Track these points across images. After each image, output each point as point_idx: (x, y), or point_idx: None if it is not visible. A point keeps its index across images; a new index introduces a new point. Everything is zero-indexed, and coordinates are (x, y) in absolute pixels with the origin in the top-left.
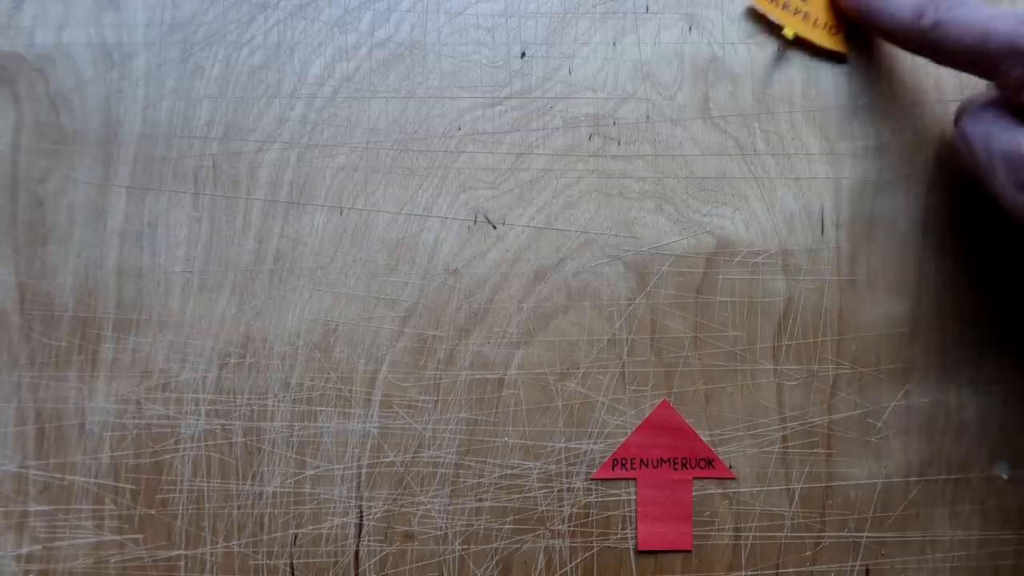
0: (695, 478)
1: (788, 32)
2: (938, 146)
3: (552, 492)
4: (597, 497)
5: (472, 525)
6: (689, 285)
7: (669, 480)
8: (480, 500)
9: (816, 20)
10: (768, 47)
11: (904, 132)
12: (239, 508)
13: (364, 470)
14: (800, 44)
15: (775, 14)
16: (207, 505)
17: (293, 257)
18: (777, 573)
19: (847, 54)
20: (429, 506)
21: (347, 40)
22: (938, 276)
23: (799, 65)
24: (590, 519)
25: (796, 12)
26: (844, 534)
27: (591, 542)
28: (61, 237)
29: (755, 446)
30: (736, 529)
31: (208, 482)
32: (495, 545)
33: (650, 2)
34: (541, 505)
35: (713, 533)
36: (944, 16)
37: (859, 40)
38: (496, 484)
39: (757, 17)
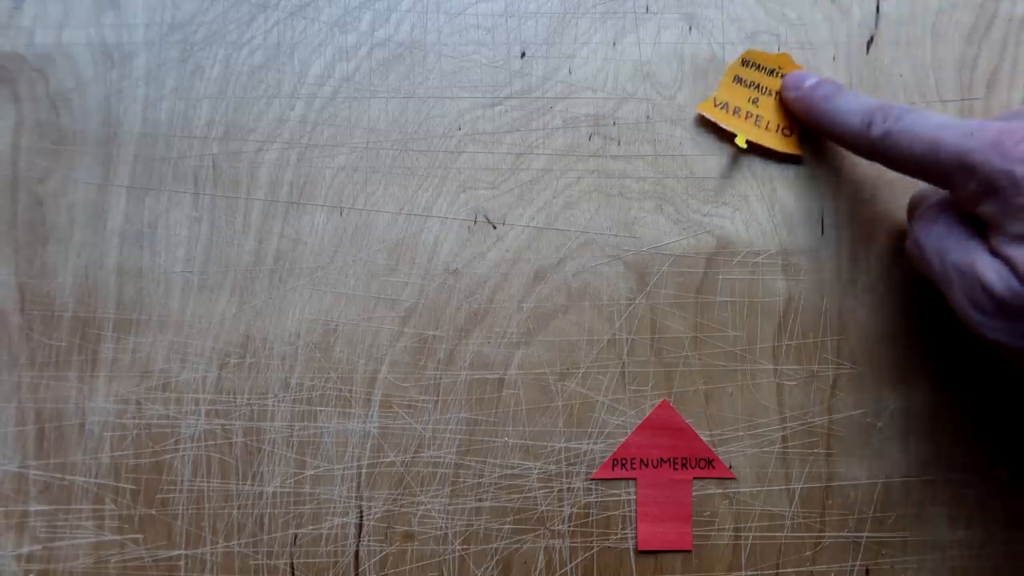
0: (695, 478)
1: (740, 141)
2: None
3: (552, 492)
4: (597, 497)
5: (472, 525)
6: (689, 285)
7: (669, 480)
8: (480, 500)
9: (768, 124)
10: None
11: None
12: (239, 508)
13: (364, 470)
14: (754, 149)
15: (726, 121)
16: (207, 505)
17: (293, 257)
18: (777, 573)
19: (802, 156)
20: (429, 506)
21: (347, 40)
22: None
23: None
24: (590, 519)
25: (747, 117)
26: (844, 534)
27: (591, 542)
28: (61, 237)
29: (755, 446)
30: (736, 529)
31: (208, 482)
32: (495, 545)
33: (650, 2)
34: (541, 505)
35: (713, 533)
36: (893, 126)
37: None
38: (496, 484)
39: (707, 124)
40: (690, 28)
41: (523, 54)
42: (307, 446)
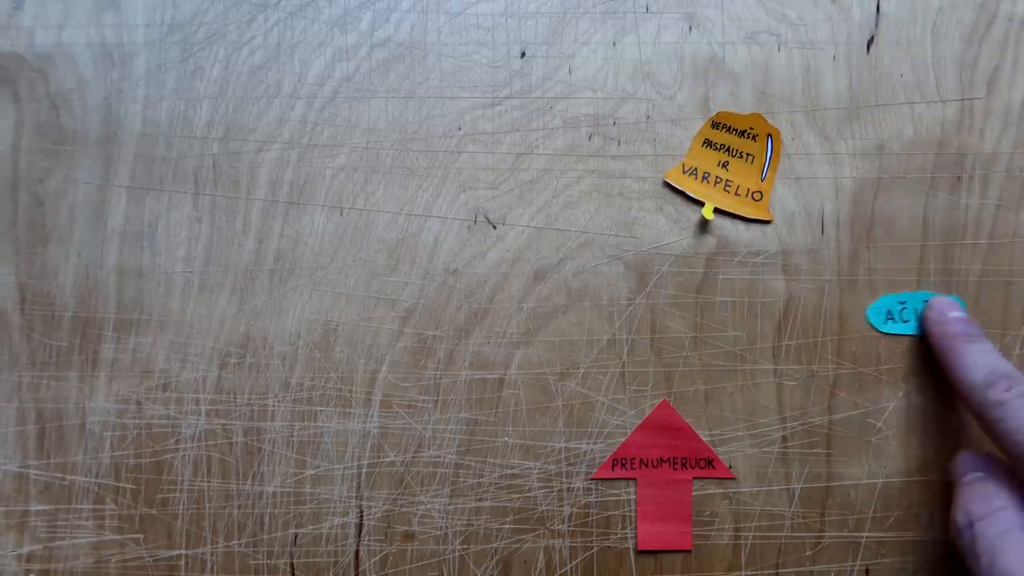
0: (695, 478)
1: (707, 212)
2: (938, 146)
3: (552, 492)
4: (597, 497)
5: (472, 525)
6: (689, 285)
7: (669, 480)
8: (480, 500)
9: (738, 189)
10: (769, 47)
11: (904, 132)
12: (239, 508)
13: (364, 470)
14: (723, 213)
15: (693, 190)
16: (207, 505)
17: (293, 257)
18: (777, 573)
19: (772, 220)
20: (429, 506)
21: (347, 40)
22: (938, 276)
23: (799, 66)
24: (590, 519)
25: (716, 183)
26: (844, 534)
27: (591, 542)
28: (61, 237)
29: (755, 446)
30: (736, 529)
31: (208, 482)
32: (495, 545)
33: (650, 2)
34: (541, 505)
35: (713, 533)
36: (1013, 400)
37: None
38: (496, 484)
39: (676, 189)
40: (690, 28)
41: (523, 54)
42: (307, 446)
